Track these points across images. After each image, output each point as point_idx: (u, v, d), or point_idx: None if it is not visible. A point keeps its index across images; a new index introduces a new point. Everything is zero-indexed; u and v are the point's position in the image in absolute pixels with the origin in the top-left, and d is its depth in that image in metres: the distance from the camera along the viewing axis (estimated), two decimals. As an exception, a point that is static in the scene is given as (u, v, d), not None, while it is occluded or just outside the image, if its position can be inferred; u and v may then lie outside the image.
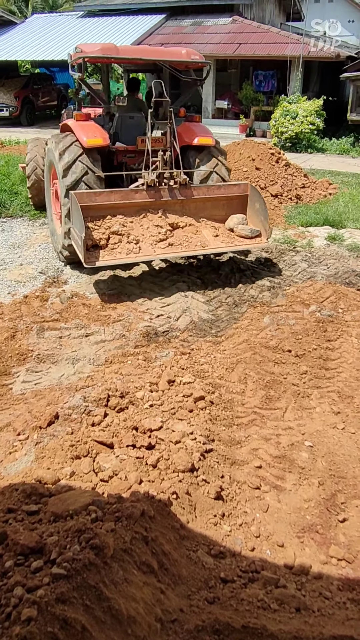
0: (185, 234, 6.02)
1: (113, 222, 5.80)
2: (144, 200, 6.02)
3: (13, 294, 5.89)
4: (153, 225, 5.94)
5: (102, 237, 5.60)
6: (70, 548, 1.68)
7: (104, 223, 5.77)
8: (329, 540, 2.60)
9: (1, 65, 20.96)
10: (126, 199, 5.91)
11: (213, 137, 6.82)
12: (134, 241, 5.69)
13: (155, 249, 5.72)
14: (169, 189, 6.12)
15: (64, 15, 24.75)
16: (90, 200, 5.67)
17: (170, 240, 5.86)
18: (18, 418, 3.58)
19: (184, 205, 6.31)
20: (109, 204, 5.83)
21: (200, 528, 2.48)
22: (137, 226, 5.88)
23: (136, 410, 3.42)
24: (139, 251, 5.63)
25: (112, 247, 5.60)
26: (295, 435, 3.39)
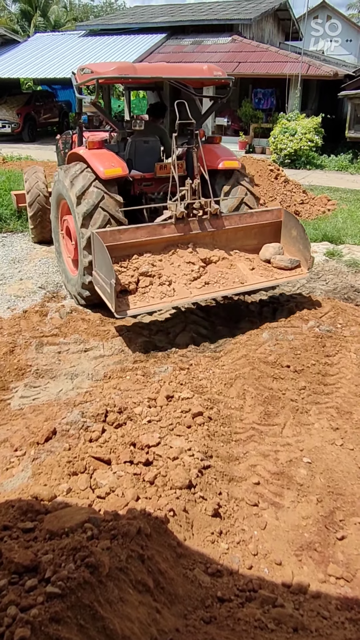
0: (220, 270, 5.39)
1: (141, 261, 5.14)
2: (172, 234, 5.37)
3: (12, 309, 5.91)
4: (184, 262, 5.32)
5: (130, 281, 4.94)
6: (65, 566, 1.67)
7: (130, 264, 5.12)
8: (328, 559, 2.58)
9: (4, 83, 21.27)
10: (154, 234, 5.26)
11: (238, 160, 6.32)
12: (167, 282, 5.06)
13: (191, 289, 5.10)
14: (198, 221, 5.49)
15: (66, 34, 25.17)
16: (115, 239, 5.03)
17: (204, 277, 5.26)
18: (15, 434, 3.57)
19: (214, 237, 5.69)
20: (135, 242, 5.17)
21: (197, 546, 2.45)
22: (168, 265, 5.25)
23: (134, 426, 3.41)
24: (174, 294, 4.99)
25: (143, 291, 4.96)
26: (293, 452, 3.37)
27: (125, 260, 5.13)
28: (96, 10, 40.19)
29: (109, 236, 4.97)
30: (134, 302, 4.86)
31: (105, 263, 4.68)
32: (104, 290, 4.80)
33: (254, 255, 5.84)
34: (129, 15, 25.34)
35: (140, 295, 4.94)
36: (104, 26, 23.30)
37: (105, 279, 4.74)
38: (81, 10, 40.15)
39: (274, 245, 5.85)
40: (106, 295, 4.74)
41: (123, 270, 5.02)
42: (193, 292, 5.10)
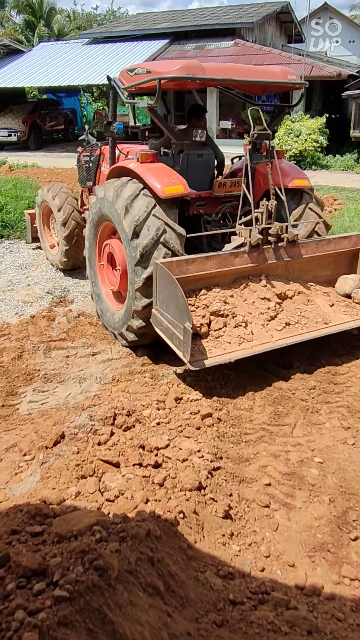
0: (298, 307, 4.64)
1: (211, 298, 4.35)
2: (244, 265, 4.59)
3: (20, 314, 5.92)
4: (258, 298, 4.54)
5: (202, 322, 4.15)
6: (74, 569, 1.64)
7: (199, 300, 4.34)
8: (341, 560, 2.53)
9: (9, 92, 21.45)
10: (224, 265, 4.48)
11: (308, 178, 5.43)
12: (243, 323, 4.29)
13: (271, 332, 4.34)
14: (273, 249, 4.71)
15: (70, 42, 25.36)
16: (181, 271, 4.22)
17: (283, 317, 4.50)
18: (24, 438, 3.56)
19: (287, 268, 4.90)
20: (204, 274, 4.40)
21: (208, 548, 2.42)
22: (240, 301, 4.47)
23: (143, 429, 3.39)
24: (253, 338, 4.23)
25: (217, 335, 4.17)
26: (304, 452, 3.33)
27: (192, 296, 4.36)
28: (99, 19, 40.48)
29: (174, 267, 4.18)
30: (209, 350, 4.04)
31: (175, 301, 3.89)
32: (171, 335, 3.99)
33: (330, 289, 5.06)
34: (132, 22, 25.50)
35: (214, 340, 4.14)
36: (108, 34, 23.46)
37: (173, 320, 3.94)
38: (84, 19, 40.44)
39: (353, 278, 5.05)
40: (175, 342, 3.94)
41: (192, 310, 4.19)
42: (274, 336, 4.30)
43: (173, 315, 3.93)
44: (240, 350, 4.09)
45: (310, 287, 4.95)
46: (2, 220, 8.72)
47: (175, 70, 4.46)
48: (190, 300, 4.28)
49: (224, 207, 5.29)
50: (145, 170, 4.63)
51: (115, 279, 5.02)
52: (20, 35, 32.09)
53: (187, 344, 3.71)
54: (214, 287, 4.47)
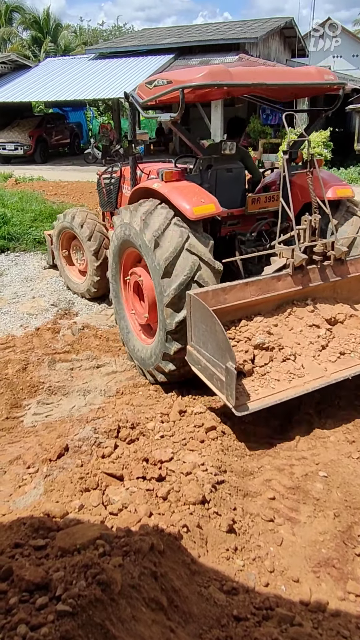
0: (351, 332, 4.07)
1: (253, 329, 3.83)
2: (288, 289, 4.06)
3: (25, 327, 5.95)
4: (306, 325, 4.01)
5: (245, 358, 3.64)
6: (76, 584, 1.64)
7: (239, 333, 3.83)
8: (346, 575, 2.51)
9: (16, 107, 21.73)
10: (267, 291, 3.96)
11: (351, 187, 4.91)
12: (291, 356, 3.78)
13: (325, 364, 3.80)
14: (319, 269, 4.17)
15: (76, 58, 25.72)
16: (218, 301, 3.74)
17: (335, 345, 3.95)
18: (28, 451, 3.56)
19: (336, 289, 4.34)
20: (243, 303, 3.88)
21: (211, 563, 2.40)
22: (286, 331, 3.95)
23: (147, 442, 3.38)
24: (304, 373, 3.69)
25: (263, 372, 3.64)
26: (309, 465, 3.31)
27: (231, 328, 3.86)
28: (105, 35, 41.07)
29: (211, 297, 3.69)
30: (256, 390, 3.51)
31: (214, 337, 3.38)
32: (211, 375, 3.49)
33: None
34: (137, 37, 25.84)
35: (260, 378, 3.61)
36: (113, 49, 23.78)
37: (213, 359, 3.45)
38: (91, 35, 41.05)
39: None
40: (216, 383, 3.45)
41: (233, 345, 3.67)
42: (328, 369, 3.76)
43: (212, 353, 3.44)
44: (291, 389, 3.56)
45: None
46: (8, 233, 8.79)
47: (199, 78, 3.93)
48: (229, 333, 3.79)
49: (259, 224, 4.80)
50: (171, 190, 4.16)
51: (143, 310, 4.50)
52: (27, 50, 32.60)
53: (232, 386, 3.21)
54: (256, 317, 3.96)
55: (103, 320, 6.05)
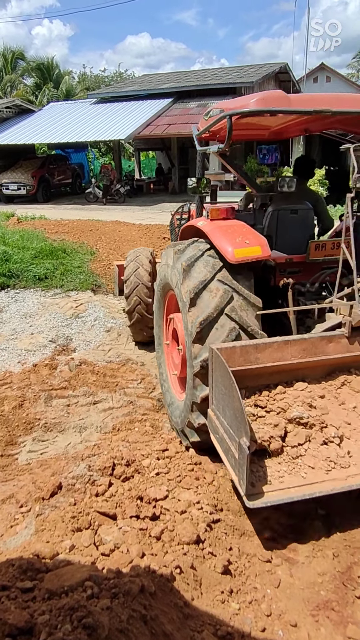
0: None
1: (290, 399, 3.13)
2: (342, 354, 3.37)
3: (23, 363, 5.94)
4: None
5: (273, 434, 2.93)
6: (61, 628, 1.58)
7: (272, 401, 3.14)
8: (346, 619, 2.42)
9: (20, 148, 22.34)
10: (313, 353, 3.31)
11: None
12: (336, 439, 3.01)
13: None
14: None
15: (78, 102, 26.61)
16: (248, 360, 3.15)
17: None
18: (21, 489, 3.50)
19: None
20: (281, 366, 3.23)
21: (206, 606, 2.32)
22: (335, 406, 3.21)
23: (142, 479, 3.32)
24: (350, 463, 2.92)
25: (295, 454, 2.92)
26: (307, 504, 3.24)
27: (262, 394, 3.18)
28: (107, 80, 42.56)
29: (238, 355, 3.12)
30: (281, 477, 2.81)
31: (231, 404, 2.79)
32: (227, 450, 2.88)
33: None
34: (138, 83, 26.80)
35: (290, 462, 2.90)
36: (114, 93, 24.62)
37: (229, 430, 2.84)
38: (93, 81, 42.54)
39: None
40: (230, 460, 2.82)
41: (261, 415, 3.06)
42: None
43: (229, 422, 2.84)
44: (328, 482, 2.79)
45: None
46: (9, 270, 8.88)
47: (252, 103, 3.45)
48: (260, 400, 3.13)
49: (322, 275, 4.19)
50: (214, 229, 3.70)
51: (178, 360, 4.02)
52: (31, 96, 33.74)
53: (243, 468, 2.58)
54: (298, 383, 3.28)
55: (100, 356, 6.04)
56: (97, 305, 7.73)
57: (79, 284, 8.55)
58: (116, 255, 10.20)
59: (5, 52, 36.18)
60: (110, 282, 8.75)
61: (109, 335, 6.71)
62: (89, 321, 7.14)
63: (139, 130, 19.59)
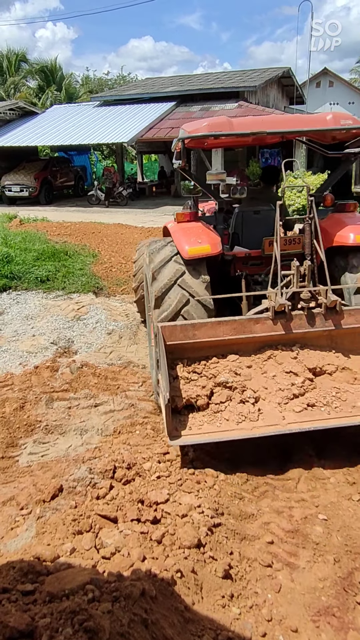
0: (336, 386, 3.87)
1: (221, 367, 3.84)
2: (269, 333, 4.00)
3: (24, 365, 5.93)
4: (283, 371, 3.89)
5: (200, 393, 3.68)
6: (62, 631, 1.57)
7: (207, 369, 3.85)
8: (347, 625, 2.41)
9: (23, 150, 22.38)
10: (242, 332, 3.93)
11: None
12: (252, 399, 3.71)
13: (287, 413, 3.68)
14: (308, 316, 4.03)
15: (82, 105, 26.66)
16: (187, 337, 3.82)
17: (310, 396, 3.78)
18: (22, 491, 3.50)
19: (333, 339, 4.15)
20: (215, 341, 3.89)
21: (206, 610, 2.31)
22: (258, 374, 3.88)
23: (143, 482, 3.32)
24: (258, 417, 3.62)
25: (216, 409, 3.67)
26: (308, 508, 3.24)
27: (199, 362, 3.88)
28: (110, 83, 42.65)
29: (179, 331, 3.81)
30: (199, 425, 3.57)
31: (163, 368, 3.58)
32: (162, 403, 3.58)
33: None
34: (141, 86, 26.87)
35: (211, 415, 3.65)
36: (118, 97, 24.67)
37: (163, 386, 3.56)
38: (96, 84, 42.63)
39: None
40: (163, 410, 3.57)
41: (193, 378, 3.77)
42: (287, 418, 3.64)
43: (163, 382, 3.57)
44: (235, 431, 3.52)
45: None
46: (11, 272, 8.88)
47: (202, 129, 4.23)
48: (197, 367, 3.85)
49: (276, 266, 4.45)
50: (177, 230, 4.45)
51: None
52: (35, 98, 33.82)
53: (165, 415, 3.45)
54: (231, 355, 3.94)
55: (102, 359, 6.04)
56: (98, 307, 7.73)
57: (80, 287, 8.55)
58: (118, 257, 10.21)
59: (8, 55, 36.30)
60: (112, 284, 8.83)
61: (111, 338, 6.71)
62: (91, 323, 7.14)
63: (141, 133, 19.63)
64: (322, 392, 3.83)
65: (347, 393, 3.82)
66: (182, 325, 3.86)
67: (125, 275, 9.42)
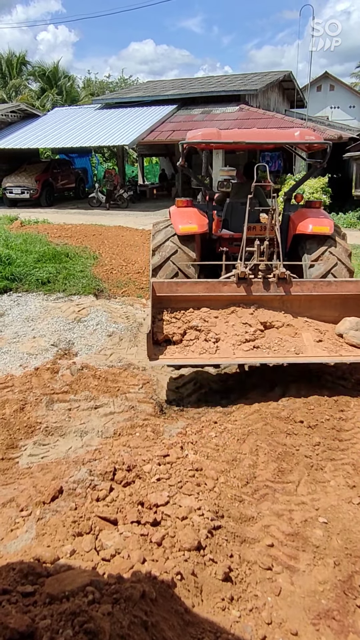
0: (280, 336, 5.05)
1: (194, 315, 5.15)
2: (233, 293, 5.27)
3: (24, 366, 5.94)
4: (240, 322, 5.12)
5: (176, 332, 5.00)
6: (63, 633, 1.57)
7: (184, 316, 5.16)
8: (347, 628, 2.41)
9: (24, 153, 22.41)
10: (212, 291, 5.24)
11: (332, 225, 5.85)
12: (213, 339, 4.94)
13: (236, 350, 4.89)
14: (264, 283, 5.28)
15: (83, 107, 26.71)
16: (171, 290, 5.15)
17: (258, 342, 4.99)
18: (22, 493, 3.49)
19: (284, 302, 5.36)
20: (192, 296, 5.21)
21: (206, 613, 2.31)
22: (221, 322, 5.13)
23: (143, 485, 3.31)
24: (215, 352, 4.86)
25: (186, 344, 4.96)
26: (309, 511, 3.23)
27: (179, 312, 5.20)
28: (112, 86, 42.71)
29: (165, 287, 5.18)
30: (172, 354, 4.89)
31: (149, 310, 5.17)
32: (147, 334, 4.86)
33: (330, 327, 5.28)
34: (142, 89, 26.92)
35: (182, 348, 4.95)
36: (119, 99, 24.72)
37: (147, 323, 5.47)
38: (98, 87, 42.69)
39: (352, 320, 5.17)
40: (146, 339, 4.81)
41: (173, 321, 5.11)
42: (237, 354, 4.85)
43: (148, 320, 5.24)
44: (197, 359, 4.86)
45: (305, 323, 5.28)
46: (12, 273, 8.90)
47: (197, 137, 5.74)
48: (177, 314, 5.19)
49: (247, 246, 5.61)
50: (175, 213, 5.96)
51: None
52: (36, 101, 33.88)
53: (147, 343, 4.76)
54: (203, 308, 5.25)
55: (102, 361, 6.04)
56: (99, 309, 7.74)
57: (81, 288, 8.57)
58: (119, 260, 10.22)
59: (10, 57, 36.39)
60: (113, 286, 8.85)
61: (111, 340, 6.72)
62: (91, 325, 7.15)
63: (143, 136, 19.66)
64: (268, 340, 5.04)
65: (287, 342, 5.01)
66: (168, 282, 5.27)
67: (125, 277, 9.42)
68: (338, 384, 5.23)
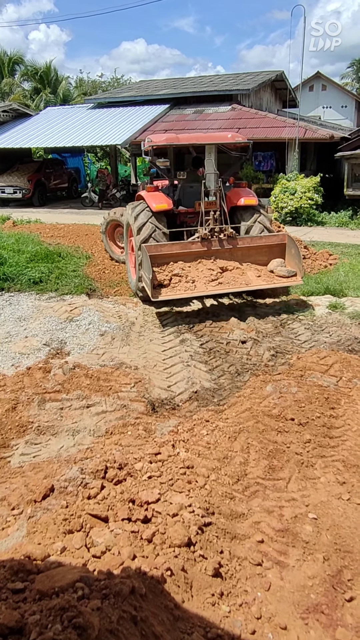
0: (233, 275, 7.61)
1: (175, 267, 7.52)
2: (199, 249, 7.75)
3: (16, 366, 5.93)
4: (206, 269, 7.59)
5: (165, 278, 7.30)
6: (52, 628, 1.58)
7: (167, 268, 7.47)
8: (336, 622, 2.43)
9: (16, 152, 22.31)
10: (185, 249, 7.68)
11: (256, 199, 8.62)
12: (191, 281, 7.36)
13: (208, 287, 7.35)
14: (219, 241, 7.87)
15: (75, 107, 26.62)
16: (157, 251, 7.41)
17: (220, 280, 7.48)
18: (14, 492, 3.50)
19: (232, 253, 7.96)
20: (171, 253, 7.57)
21: (196, 608, 2.33)
22: (194, 270, 7.57)
23: (134, 482, 3.33)
24: (195, 288, 7.28)
25: (173, 286, 7.27)
26: (299, 507, 3.26)
27: (164, 265, 7.51)
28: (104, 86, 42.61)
29: (153, 248, 7.38)
30: (166, 293, 7.21)
31: (147, 265, 7.07)
32: (146, 282, 7.20)
33: (264, 267, 8.02)
34: (135, 88, 26.86)
35: (171, 288, 7.28)
36: (111, 99, 24.66)
37: (147, 275, 7.10)
38: (90, 86, 42.56)
39: (278, 260, 8.03)
40: (147, 286, 7.18)
41: (161, 272, 7.37)
42: (209, 289, 7.36)
43: (146, 272, 7.15)
44: (184, 294, 7.24)
45: (247, 265, 7.97)
46: (4, 273, 8.88)
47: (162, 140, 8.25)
48: (162, 267, 7.48)
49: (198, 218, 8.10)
50: (147, 196, 8.15)
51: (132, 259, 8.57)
52: (29, 100, 33.75)
53: (150, 285, 7.06)
54: (179, 261, 7.63)
55: (94, 360, 6.05)
56: (91, 309, 7.74)
57: (73, 288, 8.56)
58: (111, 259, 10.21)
59: (2, 57, 36.22)
60: (105, 285, 8.84)
61: (103, 339, 6.72)
62: (84, 325, 7.15)
63: (135, 135, 19.63)
64: (226, 278, 7.58)
65: (239, 278, 7.62)
66: (155, 245, 7.52)
67: (118, 277, 9.42)
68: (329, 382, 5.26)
